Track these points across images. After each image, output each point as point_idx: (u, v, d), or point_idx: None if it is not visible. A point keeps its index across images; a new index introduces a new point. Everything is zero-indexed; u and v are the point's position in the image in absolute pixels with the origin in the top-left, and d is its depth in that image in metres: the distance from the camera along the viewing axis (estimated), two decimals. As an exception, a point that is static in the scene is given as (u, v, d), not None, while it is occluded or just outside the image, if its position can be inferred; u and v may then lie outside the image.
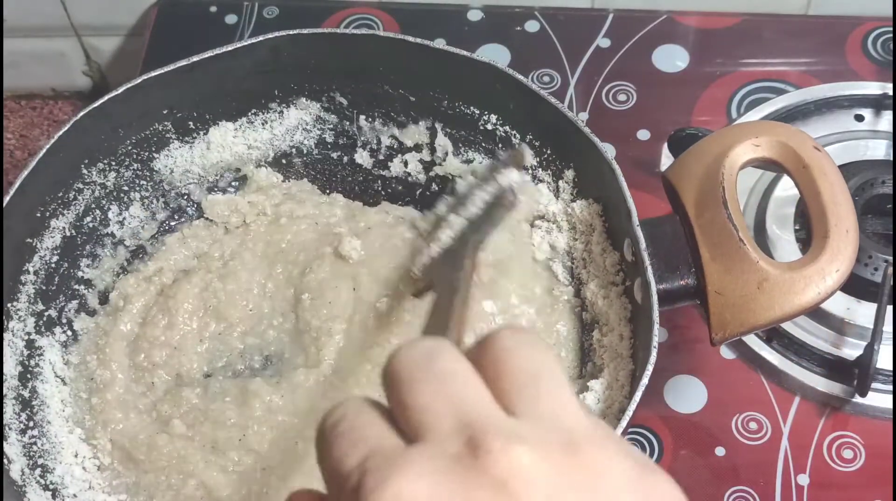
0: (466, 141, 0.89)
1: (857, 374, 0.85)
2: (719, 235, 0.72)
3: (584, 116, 1.03)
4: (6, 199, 0.78)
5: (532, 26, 1.10)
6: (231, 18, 1.11)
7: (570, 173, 0.84)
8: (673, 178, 0.77)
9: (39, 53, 1.20)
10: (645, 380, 0.69)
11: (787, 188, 0.94)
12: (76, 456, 0.80)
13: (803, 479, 0.83)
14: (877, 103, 1.01)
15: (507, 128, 0.87)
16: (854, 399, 0.86)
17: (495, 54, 1.07)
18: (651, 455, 0.85)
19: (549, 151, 0.85)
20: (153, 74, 0.84)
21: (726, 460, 0.84)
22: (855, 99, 1.02)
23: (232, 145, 0.91)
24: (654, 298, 0.71)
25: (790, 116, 1.01)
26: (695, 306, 0.76)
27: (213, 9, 1.12)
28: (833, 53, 1.07)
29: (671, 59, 1.07)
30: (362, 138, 0.92)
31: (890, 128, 1.00)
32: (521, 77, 0.82)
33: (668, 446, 0.85)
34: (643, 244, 0.73)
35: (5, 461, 0.75)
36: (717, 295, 0.72)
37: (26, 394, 0.80)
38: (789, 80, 1.05)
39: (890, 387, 0.86)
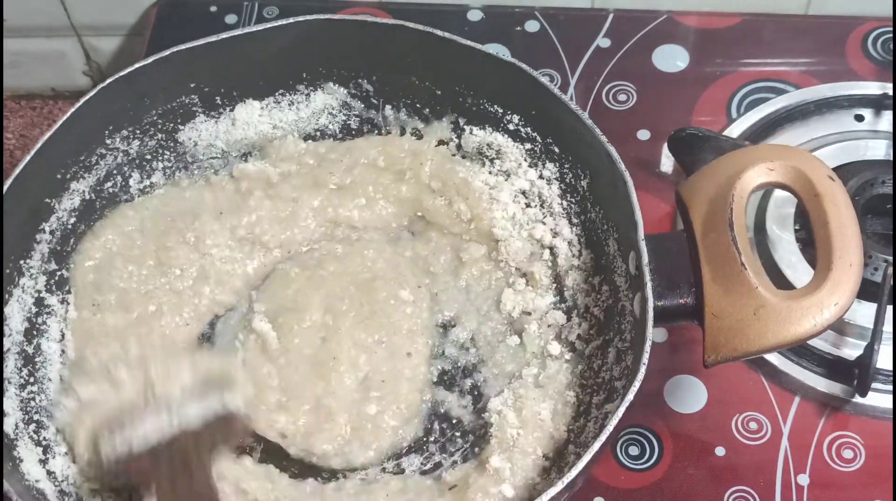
0: (491, 137, 0.90)
1: (857, 374, 0.85)
2: (722, 256, 0.71)
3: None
4: (26, 158, 0.79)
5: (532, 26, 1.10)
6: (231, 18, 1.11)
7: (584, 182, 0.85)
8: (685, 194, 0.76)
9: (39, 53, 1.20)
10: (630, 396, 0.69)
11: (787, 188, 0.94)
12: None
13: (803, 479, 0.83)
14: (877, 103, 1.01)
15: (529, 129, 0.88)
16: (854, 399, 0.86)
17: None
18: (651, 454, 0.85)
19: (571, 158, 0.86)
20: (183, 47, 0.85)
21: (726, 460, 0.84)
22: (855, 99, 1.02)
23: (257, 124, 0.92)
24: (650, 314, 0.71)
25: (790, 116, 1.01)
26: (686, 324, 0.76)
27: (213, 8, 1.12)
28: (833, 53, 1.07)
29: (671, 59, 1.07)
30: (387, 128, 0.93)
31: (890, 128, 1.00)
32: (544, 80, 0.82)
33: (668, 446, 0.85)
34: (646, 259, 0.73)
35: None
36: (713, 317, 0.71)
37: (30, 350, 0.81)
38: (789, 80, 1.05)
39: (890, 387, 0.86)
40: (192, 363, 0.76)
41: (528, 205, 0.89)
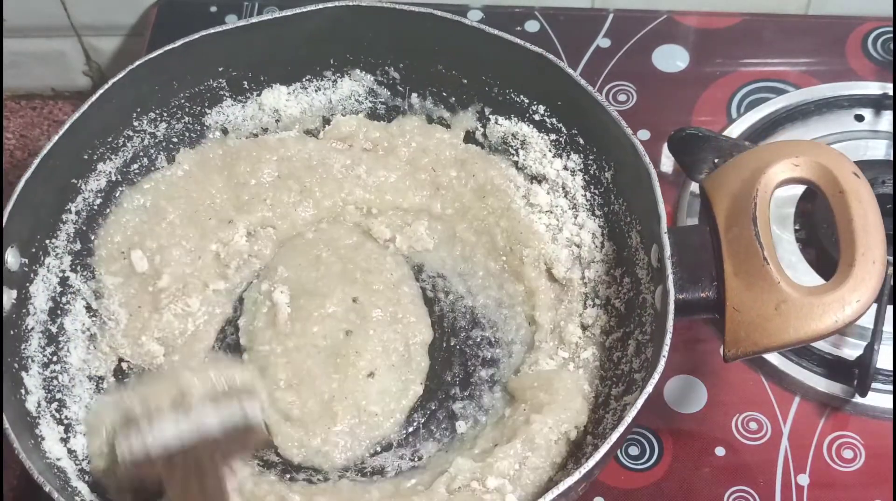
0: (517, 127, 0.91)
1: (857, 374, 0.85)
2: (745, 251, 0.71)
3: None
4: (54, 138, 0.80)
5: (532, 26, 1.10)
6: (231, 18, 1.11)
7: (609, 174, 0.85)
8: (709, 188, 0.76)
9: (39, 53, 1.20)
10: (649, 388, 0.69)
11: (787, 188, 0.94)
12: None
13: (803, 479, 0.83)
14: (877, 103, 1.02)
15: (555, 120, 0.88)
16: (854, 399, 0.86)
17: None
18: (651, 454, 0.85)
19: (596, 150, 0.86)
20: (211, 31, 0.86)
21: (726, 460, 0.84)
22: (855, 99, 1.02)
23: (284, 108, 0.93)
24: (671, 307, 0.71)
25: (790, 116, 1.01)
26: (707, 317, 0.76)
27: (213, 9, 1.12)
28: (833, 53, 1.07)
29: (671, 59, 1.07)
30: (413, 116, 0.94)
31: (890, 128, 1.00)
32: (571, 71, 0.83)
33: (668, 446, 0.85)
34: (668, 252, 0.73)
35: (22, 391, 0.76)
36: (734, 311, 0.71)
37: (54, 329, 0.82)
38: (789, 80, 1.05)
39: (890, 387, 0.86)
40: (216, 370, 0.76)
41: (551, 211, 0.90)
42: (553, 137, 0.89)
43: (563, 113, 0.87)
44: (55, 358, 0.81)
